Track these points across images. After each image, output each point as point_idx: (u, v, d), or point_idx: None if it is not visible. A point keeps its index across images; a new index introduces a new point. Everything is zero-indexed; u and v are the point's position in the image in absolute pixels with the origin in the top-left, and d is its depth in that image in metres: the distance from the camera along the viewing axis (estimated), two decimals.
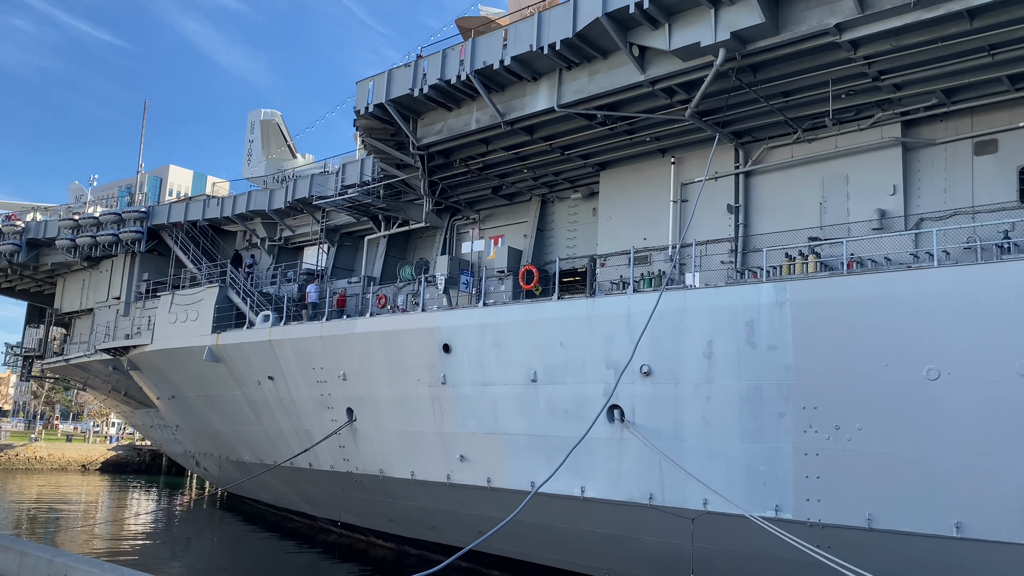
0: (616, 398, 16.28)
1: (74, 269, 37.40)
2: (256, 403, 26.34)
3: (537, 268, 20.80)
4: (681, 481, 15.39)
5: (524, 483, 18.16)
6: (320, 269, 29.62)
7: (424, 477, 20.75)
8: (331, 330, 22.55)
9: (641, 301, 16.12)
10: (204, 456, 35.45)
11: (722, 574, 15.53)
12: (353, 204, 25.48)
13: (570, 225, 23.07)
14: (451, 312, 19.67)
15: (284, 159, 33.33)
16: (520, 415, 18.07)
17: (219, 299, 26.81)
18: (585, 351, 16.82)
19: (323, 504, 27.20)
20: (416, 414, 20.62)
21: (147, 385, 32.58)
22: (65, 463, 56.81)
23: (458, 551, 22.26)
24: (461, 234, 26.07)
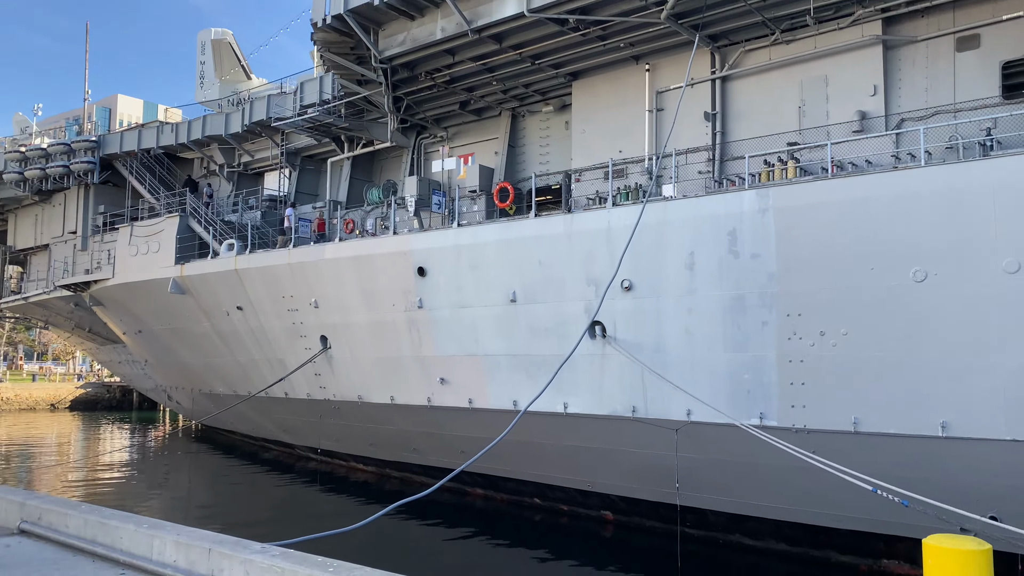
0: (598, 314, 16.03)
1: (25, 204, 35.95)
2: (226, 334, 25.79)
3: (512, 185, 20.21)
4: (664, 393, 15.33)
5: (507, 402, 18.05)
6: (282, 195, 28.69)
7: (404, 401, 20.57)
8: (299, 257, 21.91)
9: (621, 215, 15.71)
10: (176, 390, 34.99)
11: (707, 483, 15.66)
12: (314, 125, 24.47)
13: (542, 140, 22.40)
14: (424, 234, 19.12)
15: (238, 81, 31.87)
16: (500, 336, 17.81)
17: (180, 229, 25.89)
18: (564, 268, 16.47)
19: (301, 432, 27.04)
20: (393, 339, 20.28)
21: (112, 321, 31.78)
22: (33, 403, 56.00)
23: (440, 471, 22.34)
24: (429, 153, 25.25)
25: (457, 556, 16.29)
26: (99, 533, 5.50)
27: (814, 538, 15.11)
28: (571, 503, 19.15)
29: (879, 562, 14.52)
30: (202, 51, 32.10)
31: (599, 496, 18.26)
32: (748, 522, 15.82)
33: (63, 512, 5.78)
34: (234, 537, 5.07)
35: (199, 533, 5.16)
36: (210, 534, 5.15)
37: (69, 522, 5.74)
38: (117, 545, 5.34)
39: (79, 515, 5.64)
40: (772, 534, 15.68)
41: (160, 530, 5.20)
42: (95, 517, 5.55)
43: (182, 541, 4.97)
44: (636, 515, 17.85)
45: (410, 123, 24.27)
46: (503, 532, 18.34)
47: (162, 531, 5.17)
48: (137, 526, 5.30)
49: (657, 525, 17.43)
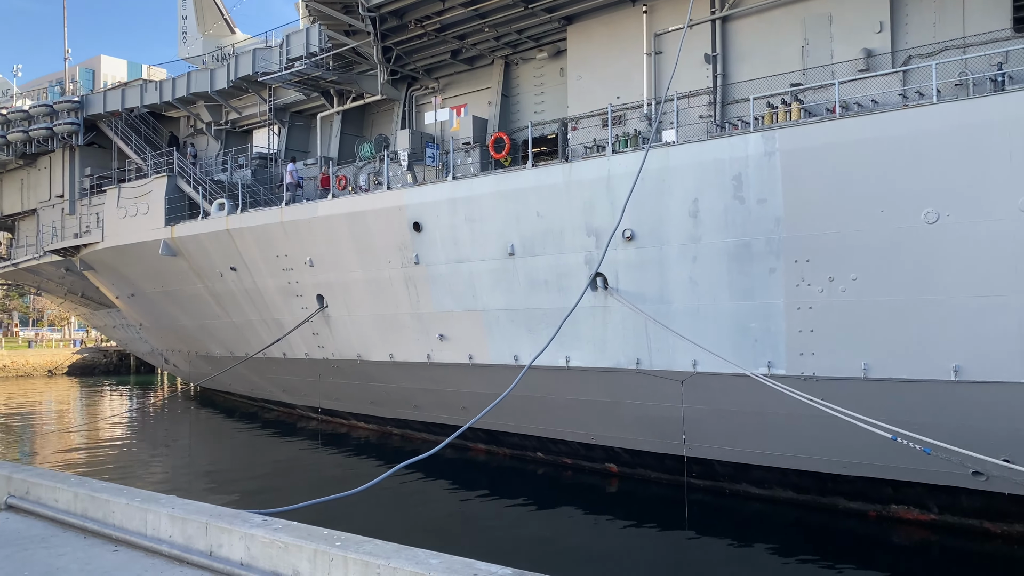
0: (600, 265, 15.68)
1: (10, 168, 35.19)
2: (220, 295, 25.42)
3: (507, 136, 19.66)
4: (669, 344, 15.06)
5: (507, 358, 17.79)
6: (272, 152, 28.06)
7: (403, 359, 20.30)
8: (292, 215, 21.43)
9: (621, 162, 15.25)
10: (172, 353, 34.71)
11: (713, 434, 15.49)
12: (301, 79, 23.76)
13: (537, 88, 21.77)
14: (419, 188, 18.62)
15: (222, 36, 30.93)
16: (499, 290, 17.46)
17: (169, 189, 25.31)
18: (564, 219, 16.06)
19: (300, 392, 26.85)
20: (390, 296, 19.93)
21: (104, 285, 31.34)
22: (30, 369, 55.83)
23: (441, 427, 22.25)
24: (420, 106, 24.59)
25: (462, 512, 16.18)
26: (90, 507, 5.20)
27: (822, 485, 15.01)
28: (575, 456, 19.04)
29: (888, 507, 14.44)
30: (183, 5, 31.08)
31: (603, 449, 18.13)
32: (755, 471, 15.71)
33: (52, 486, 5.47)
34: (233, 509, 4.76)
35: (195, 506, 4.86)
36: (207, 506, 4.86)
37: (58, 496, 5.43)
38: (109, 520, 5.04)
39: (68, 488, 5.33)
40: (779, 482, 15.58)
41: (154, 504, 4.89)
42: (85, 491, 5.23)
43: (177, 515, 4.67)
44: (641, 467, 17.74)
45: (400, 75, 23.59)
46: (507, 487, 18.25)
47: (156, 504, 4.86)
48: (129, 500, 5.00)
49: (663, 476, 17.34)
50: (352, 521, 14.29)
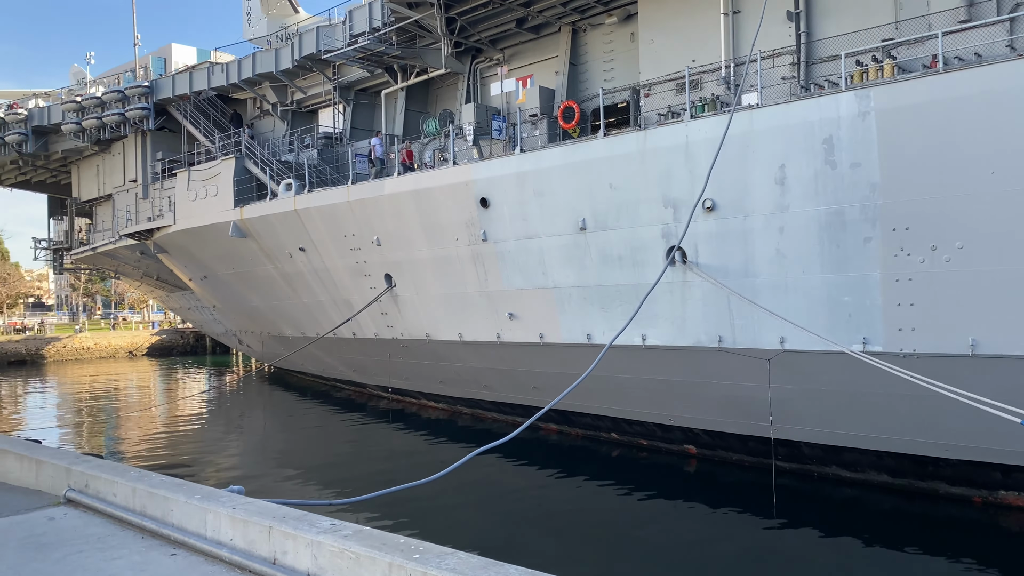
0: (676, 238, 14.89)
1: (86, 155, 36.04)
2: (290, 276, 25.44)
3: (577, 104, 18.88)
4: (754, 321, 14.20)
5: (580, 336, 17.19)
6: (338, 131, 27.88)
7: (472, 338, 19.89)
8: (359, 193, 21.14)
9: (701, 128, 14.37)
10: (246, 333, 35.21)
11: (802, 414, 14.61)
12: (365, 55, 23.38)
13: (606, 55, 20.90)
14: (486, 163, 18.05)
15: (285, 16, 30.85)
16: (570, 267, 16.82)
17: (237, 171, 25.37)
18: (639, 191, 15.28)
19: (371, 372, 26.79)
20: (458, 275, 19.50)
21: (177, 267, 31.85)
22: (112, 351, 57.76)
23: (512, 407, 21.84)
24: (485, 78, 23.98)
25: (535, 496, 15.71)
26: (148, 504, 4.84)
27: (921, 469, 14.01)
28: (650, 437, 18.37)
29: (995, 493, 13.38)
30: None
31: (681, 430, 17.40)
32: (846, 453, 14.78)
33: (111, 479, 5.15)
34: (299, 510, 4.33)
35: (257, 506, 4.44)
36: (271, 507, 4.43)
37: (117, 491, 5.11)
38: (168, 519, 4.68)
39: (127, 483, 4.99)
40: (873, 465, 14.62)
41: (214, 503, 4.50)
42: (143, 486, 4.88)
43: (239, 516, 4.26)
44: (721, 449, 16.97)
45: (465, 47, 23.01)
46: (580, 468, 17.71)
47: (216, 504, 4.46)
48: (188, 497, 4.61)
49: (745, 458, 16.54)
50: (425, 507, 14.03)
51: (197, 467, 18.98)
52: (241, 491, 6.09)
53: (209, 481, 17.06)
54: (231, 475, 18.22)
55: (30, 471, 6.02)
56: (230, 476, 18.11)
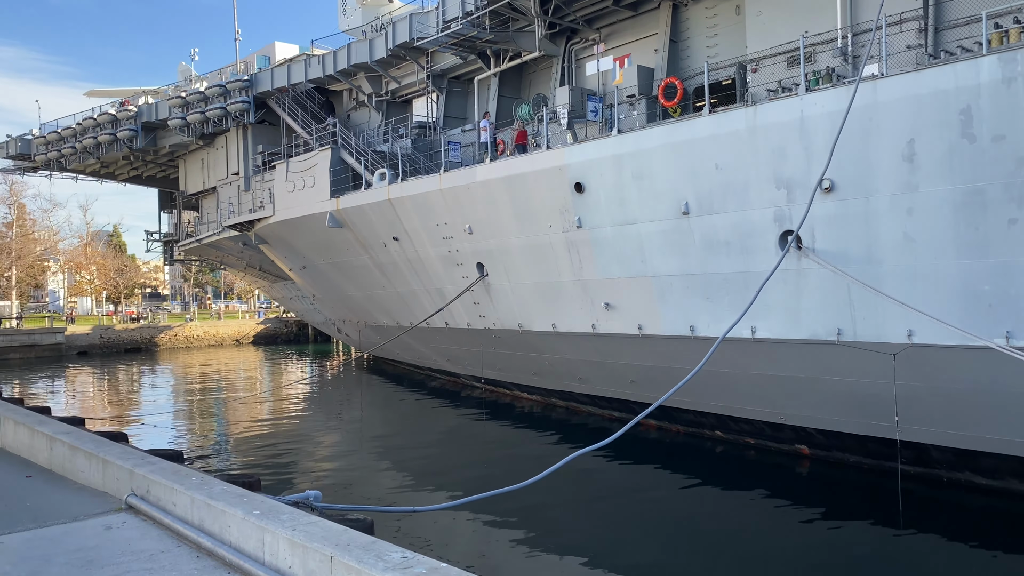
0: (790, 222, 13.74)
1: (192, 149, 37.18)
2: (385, 266, 25.37)
3: (681, 81, 17.83)
4: (878, 312, 12.93)
5: (682, 328, 16.22)
6: (431, 120, 27.61)
7: (567, 329, 19.18)
8: (450, 181, 20.72)
9: (817, 102, 13.15)
10: (344, 323, 35.63)
11: (931, 414, 13.25)
12: (457, 40, 22.91)
13: (709, 31, 19.71)
14: (580, 146, 17.25)
15: (380, 4, 30.81)
16: (671, 254, 15.86)
17: (333, 161, 25.43)
18: (748, 171, 14.18)
19: (464, 361, 26.49)
20: (552, 263, 18.81)
21: (277, 258, 32.42)
22: (220, 339, 59.99)
23: (608, 401, 21.03)
24: (580, 60, 23.12)
25: (636, 496, 14.88)
26: (206, 518, 4.39)
27: None
28: (758, 436, 17.24)
29: None
30: None
31: (793, 429, 16.22)
32: (983, 459, 13.33)
33: (170, 487, 4.73)
34: (367, 537, 3.74)
35: (320, 528, 3.87)
36: (335, 529, 3.85)
37: (176, 500, 4.68)
38: (225, 537, 4.20)
39: (186, 492, 4.56)
40: (1015, 472, 13.13)
41: (273, 521, 3.97)
42: (202, 496, 4.43)
43: (298, 541, 3.71)
44: (837, 449, 15.71)
45: (559, 28, 22.23)
46: (682, 466, 16.78)
47: (275, 523, 3.93)
48: (246, 513, 4.10)
49: (864, 461, 15.26)
50: (520, 507, 13.39)
51: (294, 455, 19.06)
52: (318, 497, 5.61)
53: (302, 472, 17.05)
54: (326, 465, 18.19)
55: (97, 471, 5.74)
56: (325, 466, 18.08)
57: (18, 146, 39.78)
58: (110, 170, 42.07)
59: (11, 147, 40.11)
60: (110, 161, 39.65)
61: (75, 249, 72.36)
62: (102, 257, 75.09)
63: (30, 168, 41.50)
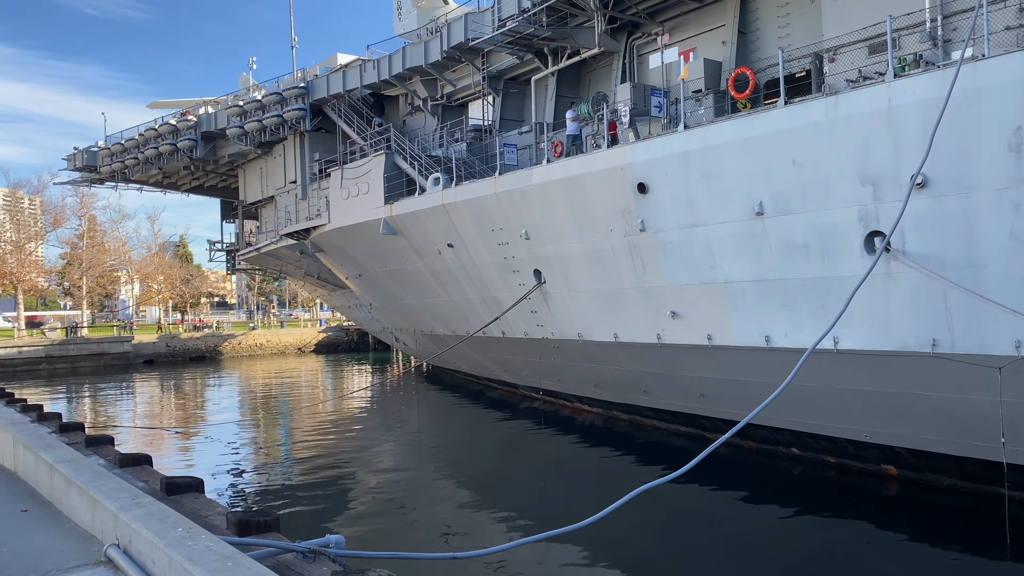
0: (876, 222, 12.47)
1: (251, 158, 37.28)
2: (439, 273, 24.68)
3: (753, 72, 16.63)
4: (981, 320, 11.57)
5: (755, 338, 15.01)
6: (487, 123, 26.86)
7: (629, 339, 18.11)
8: (506, 184, 19.89)
9: (907, 89, 11.88)
10: (401, 331, 35.16)
11: None
12: (514, 38, 22.13)
13: (780, 20, 18.47)
14: (643, 143, 16.21)
15: (435, 7, 30.24)
16: (744, 258, 14.68)
17: (387, 167, 24.89)
18: (829, 167, 12.95)
19: (522, 372, 25.60)
20: (613, 269, 17.78)
21: (334, 266, 32.11)
22: (282, 347, 60.43)
23: (674, 415, 19.86)
24: (642, 56, 22.07)
25: (709, 520, 13.73)
26: None
27: None
28: (840, 455, 15.88)
29: None
30: None
31: (879, 448, 14.84)
32: None
33: (149, 540, 3.91)
34: None
35: None
36: None
37: (155, 557, 3.86)
38: None
39: (164, 549, 3.73)
40: None
41: None
42: (180, 557, 3.56)
43: None
44: (930, 471, 14.28)
45: (620, 23, 21.24)
46: (757, 487, 15.55)
47: None
48: None
49: (960, 484, 13.81)
50: (581, 541, 12.30)
51: (351, 467, 18.45)
52: (340, 543, 4.78)
53: (347, 494, 16.35)
54: (383, 478, 17.53)
55: (87, 509, 5.03)
56: (382, 479, 17.42)
57: (84, 158, 40.58)
58: (172, 180, 42.61)
59: (78, 159, 40.95)
60: (172, 171, 40.13)
61: (144, 259, 74.12)
62: (169, 267, 76.78)
63: (96, 180, 42.32)
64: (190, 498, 5.82)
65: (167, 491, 6.08)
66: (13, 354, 48.99)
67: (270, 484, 17.24)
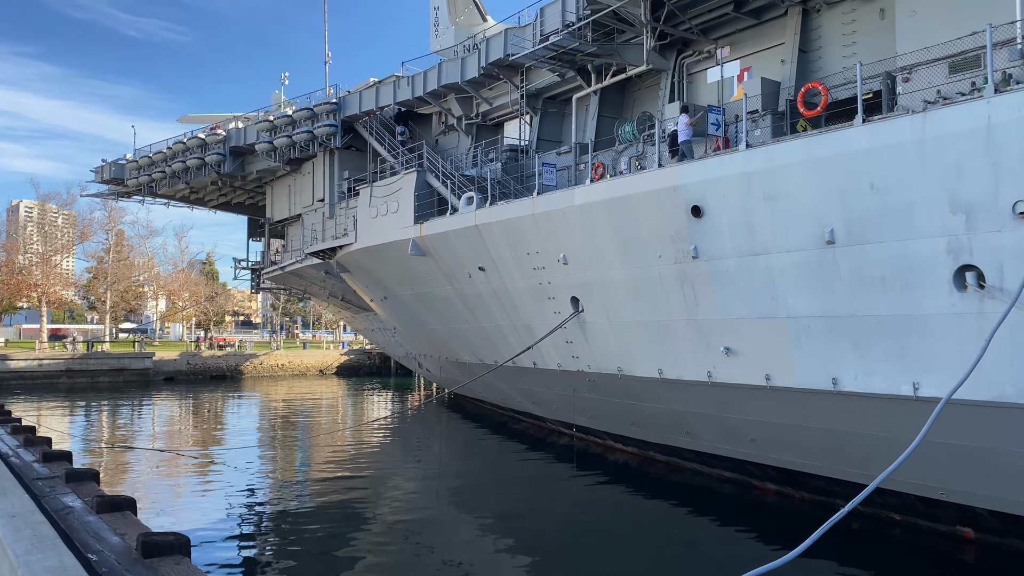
0: (969, 254, 11.07)
1: (279, 175, 36.52)
2: (469, 298, 23.46)
3: (825, 86, 15.33)
4: None
5: (821, 380, 13.57)
6: (524, 144, 25.79)
7: (676, 376, 16.70)
8: (544, 205, 18.69)
9: (1010, 105, 10.54)
10: (425, 357, 33.94)
11: None
12: (557, 52, 21.07)
13: (846, 39, 17.24)
14: (700, 163, 14.94)
15: (473, 24, 29.38)
16: (810, 290, 13.30)
17: (418, 185, 23.84)
18: (914, 192, 11.60)
19: (552, 405, 24.21)
20: (659, 299, 16.44)
21: (359, 287, 31.03)
22: (304, 369, 59.48)
23: (720, 460, 18.35)
24: (692, 75, 20.91)
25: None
26: None
27: None
28: (907, 512, 14.30)
29: None
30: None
31: (956, 508, 13.26)
32: None
33: None
34: None
35: None
36: None
37: None
38: None
39: None
40: None
41: None
42: None
43: None
44: (1016, 536, 12.68)
45: (670, 39, 20.11)
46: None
47: None
48: None
49: None
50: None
51: (367, 504, 17.14)
52: None
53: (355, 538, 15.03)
54: (400, 517, 16.17)
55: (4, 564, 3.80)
56: (399, 518, 16.07)
57: (112, 170, 40.12)
58: (199, 196, 42.01)
59: (105, 171, 40.50)
60: (199, 186, 39.51)
61: (170, 275, 73.84)
62: (195, 284, 76.44)
63: (123, 193, 41.83)
64: (169, 564, 4.62)
65: (143, 552, 4.88)
66: (33, 367, 48.46)
67: (280, 522, 15.96)
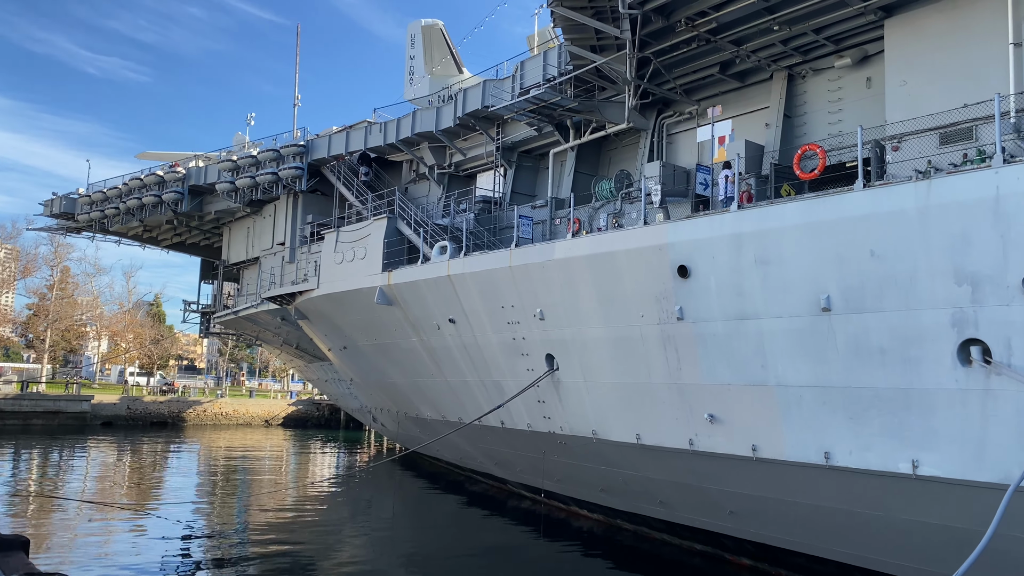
0: (975, 328, 10.67)
1: (238, 216, 35.42)
2: (436, 351, 22.53)
3: (824, 150, 15.07)
4: None
5: (811, 453, 12.95)
6: (497, 195, 25.31)
7: (655, 442, 15.96)
8: (522, 258, 18.05)
9: (1020, 176, 10.28)
10: (381, 411, 32.68)
11: None
12: (536, 106, 20.74)
13: (832, 105, 17.20)
14: (689, 221, 14.48)
15: (449, 75, 29.09)
16: (803, 358, 12.77)
17: (388, 232, 23.05)
18: (917, 260, 11.23)
19: (516, 467, 23.22)
20: (640, 361, 15.79)
21: (317, 336, 29.83)
22: (249, 418, 57.24)
23: (692, 531, 17.54)
24: (672, 135, 20.74)
25: None
26: None
27: None
28: None
29: None
30: (411, 45, 29.65)
31: None
32: None
33: None
34: None
35: None
36: None
37: None
38: None
39: None
40: None
41: None
42: None
43: None
44: None
45: (652, 98, 19.92)
46: None
47: None
48: None
49: None
50: None
51: (311, 569, 15.86)
52: None
53: None
54: None
55: None
56: None
57: (63, 204, 38.50)
58: (153, 235, 40.53)
59: (55, 205, 38.87)
60: (154, 225, 38.13)
61: (115, 315, 71.15)
62: (140, 326, 73.78)
63: (73, 228, 40.12)
64: None
65: None
66: None
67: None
